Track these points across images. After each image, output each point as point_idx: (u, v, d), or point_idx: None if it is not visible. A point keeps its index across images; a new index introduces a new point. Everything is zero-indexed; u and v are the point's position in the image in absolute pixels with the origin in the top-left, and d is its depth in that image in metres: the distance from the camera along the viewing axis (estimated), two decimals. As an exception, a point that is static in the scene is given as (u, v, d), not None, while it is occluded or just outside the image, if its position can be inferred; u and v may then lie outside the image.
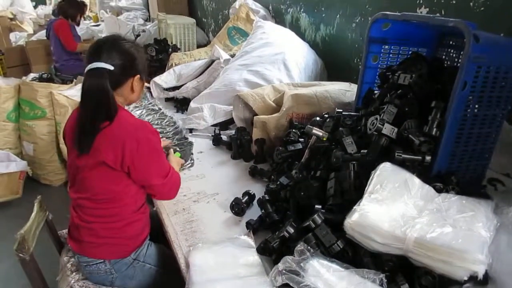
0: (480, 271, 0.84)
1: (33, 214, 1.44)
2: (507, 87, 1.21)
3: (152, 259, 1.46)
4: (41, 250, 1.66)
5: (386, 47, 1.54)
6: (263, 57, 2.33)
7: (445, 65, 1.49)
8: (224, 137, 2.01)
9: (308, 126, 1.40)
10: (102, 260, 1.36)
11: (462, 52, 1.22)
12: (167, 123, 2.12)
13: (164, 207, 1.47)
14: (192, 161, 1.80)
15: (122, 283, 1.42)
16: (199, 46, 4.21)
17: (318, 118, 1.55)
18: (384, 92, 1.41)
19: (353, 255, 1.02)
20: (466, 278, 0.85)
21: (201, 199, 1.52)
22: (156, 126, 2.06)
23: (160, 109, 2.32)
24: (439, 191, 1.07)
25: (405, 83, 1.29)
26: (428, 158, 1.13)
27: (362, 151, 1.20)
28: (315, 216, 1.05)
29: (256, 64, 2.29)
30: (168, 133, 2.00)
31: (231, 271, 1.12)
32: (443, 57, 1.54)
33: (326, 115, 1.59)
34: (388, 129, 1.18)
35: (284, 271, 0.94)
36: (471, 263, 0.84)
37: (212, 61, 2.64)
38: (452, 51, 1.50)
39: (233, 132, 2.02)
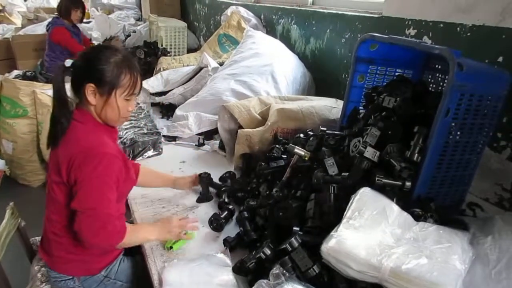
0: (454, 304, 0.84)
1: (3, 222, 1.39)
2: (489, 115, 1.22)
3: (124, 275, 1.41)
4: (12, 257, 1.61)
5: (373, 67, 1.54)
6: (251, 68, 2.31)
7: (430, 88, 1.50)
8: (207, 147, 2.00)
9: (291, 144, 1.39)
10: (71, 277, 1.31)
11: (447, 76, 1.22)
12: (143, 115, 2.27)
13: (142, 219, 1.44)
14: (160, 150, 1.98)
15: None
16: (189, 50, 4.19)
17: (302, 135, 1.54)
18: (369, 113, 1.41)
19: (328, 280, 1.01)
20: (440, 311, 0.85)
21: (180, 212, 1.49)
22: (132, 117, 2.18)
23: (138, 104, 2.47)
24: (417, 217, 1.07)
25: (389, 106, 1.29)
26: (408, 184, 1.12)
27: (343, 173, 1.19)
28: (292, 239, 1.03)
29: (244, 75, 2.28)
30: (140, 122, 2.16)
31: (205, 291, 1.10)
32: (429, 79, 1.55)
33: (311, 133, 1.58)
34: (370, 152, 1.18)
35: (257, 296, 0.92)
36: (444, 296, 0.84)
37: (200, 68, 2.62)
38: (438, 74, 1.51)
39: (217, 142, 2.00)
